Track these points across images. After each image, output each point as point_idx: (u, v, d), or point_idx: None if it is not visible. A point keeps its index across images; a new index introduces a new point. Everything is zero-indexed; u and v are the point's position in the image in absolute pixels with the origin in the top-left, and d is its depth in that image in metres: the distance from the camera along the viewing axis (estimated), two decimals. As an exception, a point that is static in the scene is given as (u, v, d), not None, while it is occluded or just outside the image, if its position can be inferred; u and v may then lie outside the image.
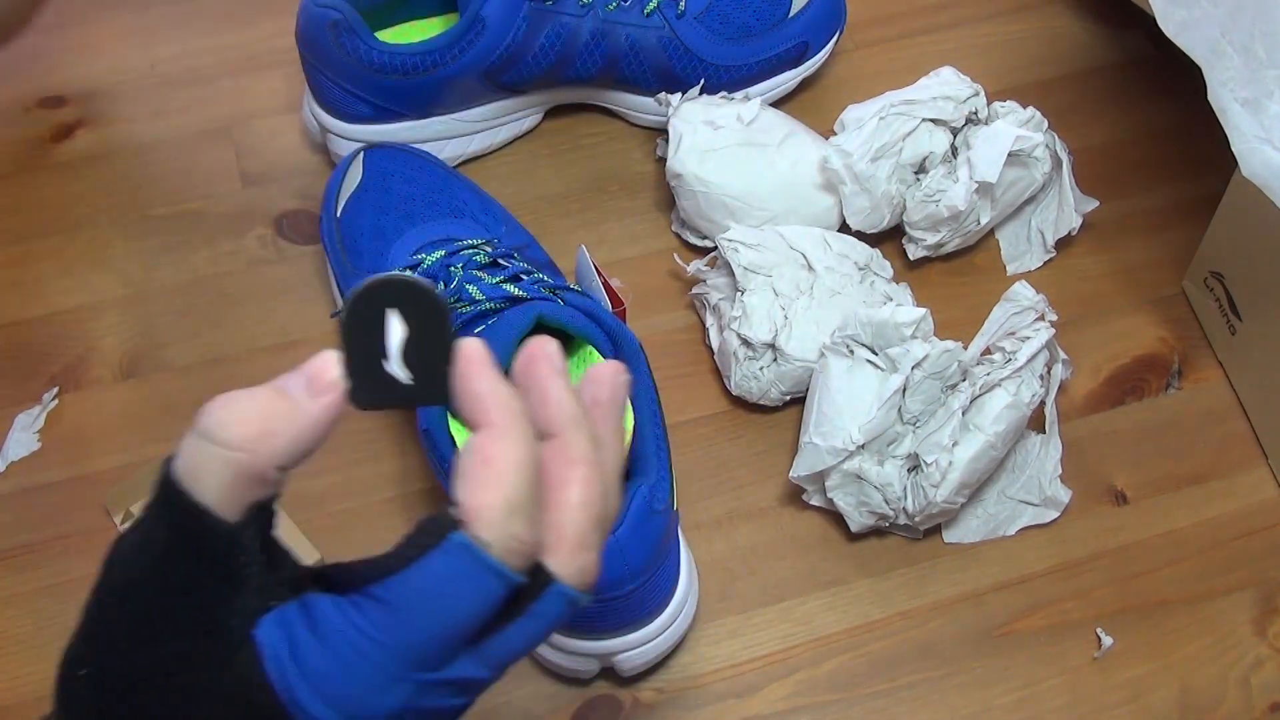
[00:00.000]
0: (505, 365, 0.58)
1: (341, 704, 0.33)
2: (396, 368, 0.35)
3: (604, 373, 0.39)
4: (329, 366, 0.35)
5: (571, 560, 0.36)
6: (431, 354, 0.35)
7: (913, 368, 0.63)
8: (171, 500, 0.34)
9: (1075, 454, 0.69)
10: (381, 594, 0.34)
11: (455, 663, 0.35)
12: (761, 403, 0.70)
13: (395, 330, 0.35)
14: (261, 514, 0.35)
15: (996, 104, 0.74)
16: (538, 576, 0.35)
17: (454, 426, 0.59)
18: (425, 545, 0.34)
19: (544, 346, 0.37)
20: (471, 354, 0.36)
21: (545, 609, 0.36)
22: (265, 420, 0.34)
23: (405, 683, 0.34)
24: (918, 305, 0.68)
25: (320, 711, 0.33)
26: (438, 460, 0.59)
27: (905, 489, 0.64)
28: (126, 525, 0.65)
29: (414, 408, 0.36)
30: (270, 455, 0.34)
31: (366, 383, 0.35)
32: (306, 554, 0.64)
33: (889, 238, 0.76)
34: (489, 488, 0.34)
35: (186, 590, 0.34)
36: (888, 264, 0.73)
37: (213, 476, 0.34)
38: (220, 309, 0.74)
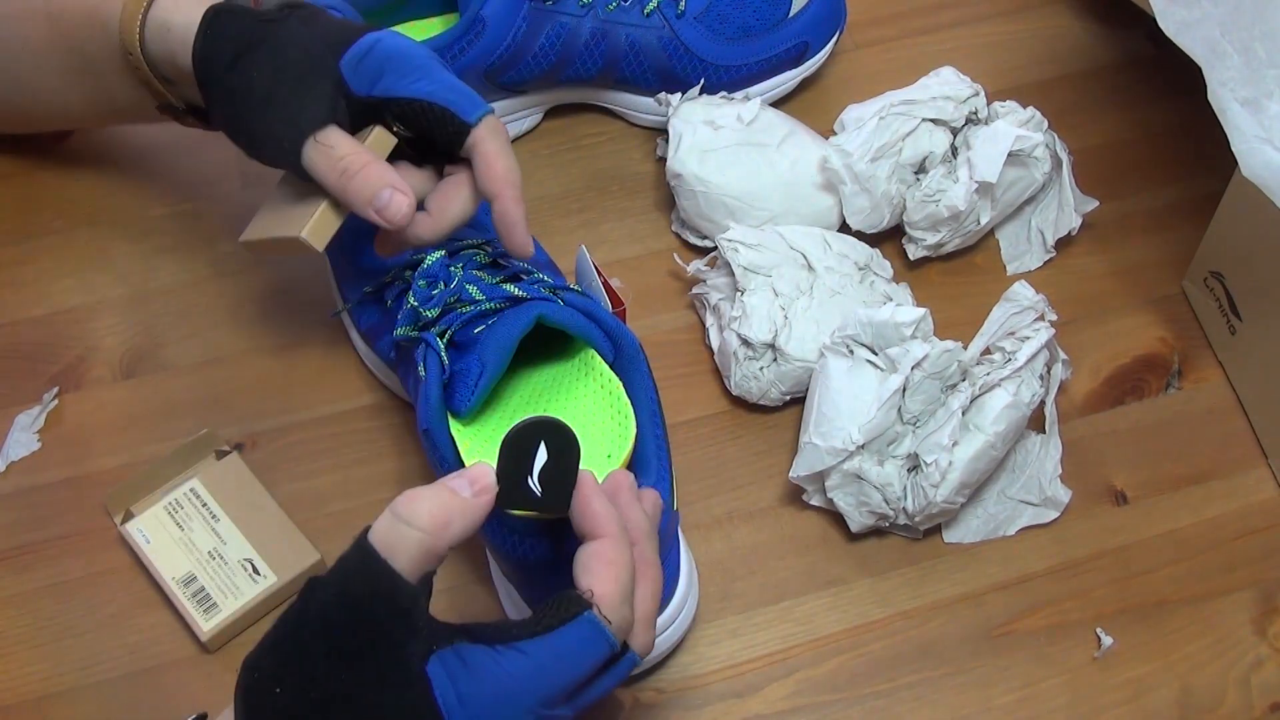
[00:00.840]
0: (504, 364, 0.58)
1: None
2: (535, 484, 0.49)
3: (653, 497, 0.53)
4: (487, 474, 0.48)
5: (641, 635, 0.49)
6: (562, 478, 0.49)
7: (913, 368, 0.63)
8: (371, 565, 0.45)
9: (1075, 454, 0.69)
10: (527, 650, 0.45)
11: (562, 705, 0.46)
12: (761, 403, 0.70)
13: (540, 457, 0.49)
14: (428, 582, 0.47)
15: (996, 104, 0.74)
16: (622, 646, 0.48)
17: (454, 427, 0.59)
18: (563, 618, 0.46)
19: (627, 479, 0.51)
20: (589, 480, 0.49)
21: (620, 670, 0.48)
22: (446, 511, 0.46)
23: (531, 715, 0.45)
24: (918, 305, 0.68)
25: None
26: (437, 460, 0.59)
27: (905, 489, 0.64)
28: (128, 524, 0.65)
29: (540, 513, 0.50)
30: (449, 538, 0.46)
31: (511, 490, 0.48)
32: (306, 554, 0.64)
33: (889, 238, 0.76)
34: (611, 580, 0.47)
35: (379, 633, 0.44)
36: (888, 264, 0.73)
37: (406, 552, 0.45)
38: (220, 309, 0.74)
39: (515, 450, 0.49)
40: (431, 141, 0.60)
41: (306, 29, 0.60)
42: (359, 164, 0.58)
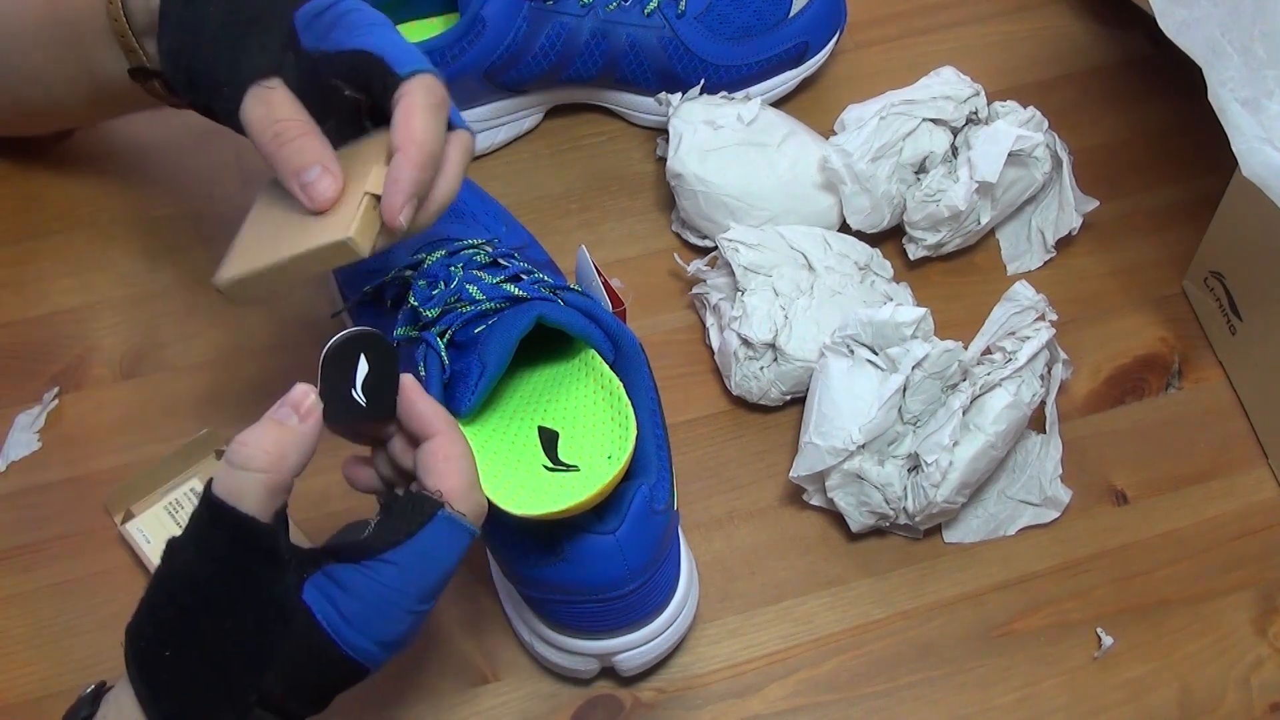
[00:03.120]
0: (504, 364, 0.58)
1: (374, 635, 0.47)
2: (359, 395, 0.50)
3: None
4: (307, 395, 0.49)
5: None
6: (383, 385, 0.50)
7: (913, 368, 0.63)
8: (223, 516, 0.46)
9: (1075, 454, 0.69)
10: (394, 559, 0.47)
11: (434, 597, 0.49)
12: (761, 403, 0.70)
13: (361, 368, 0.50)
14: (283, 515, 0.48)
15: (996, 104, 0.74)
16: None
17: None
18: (420, 521, 0.48)
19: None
20: (411, 384, 0.51)
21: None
22: (279, 446, 0.47)
23: (415, 613, 0.48)
24: (918, 305, 0.68)
25: (362, 642, 0.47)
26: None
27: (905, 489, 0.64)
28: (128, 524, 0.65)
29: (369, 422, 0.51)
30: (288, 470, 0.47)
31: (337, 406, 0.49)
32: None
33: (889, 238, 0.76)
34: (456, 474, 0.49)
35: (248, 579, 0.46)
36: (888, 264, 0.73)
37: (251, 494, 0.46)
38: (220, 309, 0.74)
39: (335, 367, 0.49)
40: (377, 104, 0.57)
41: None
42: (296, 131, 0.55)
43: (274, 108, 0.55)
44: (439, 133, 0.54)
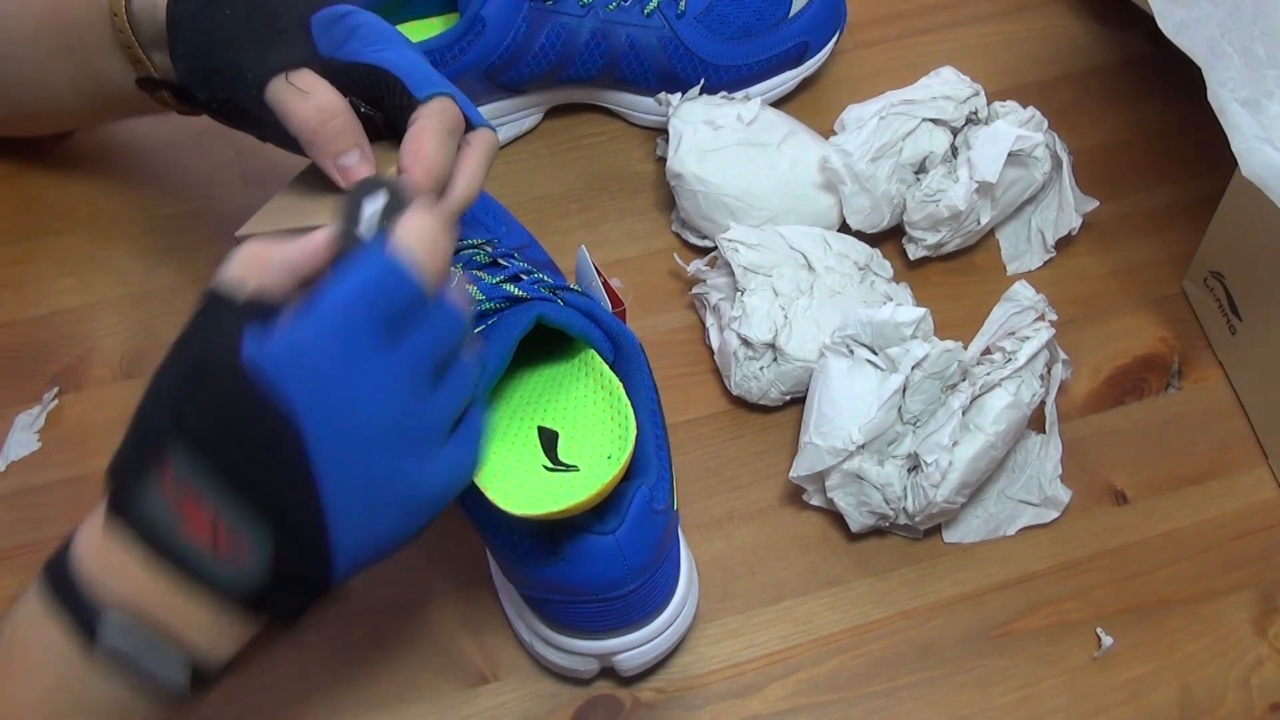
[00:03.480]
0: (504, 364, 0.58)
1: (282, 343, 0.45)
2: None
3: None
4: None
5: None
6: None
7: (913, 368, 0.63)
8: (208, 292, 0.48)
9: (1075, 454, 0.69)
10: (320, 303, 0.46)
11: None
12: (761, 403, 0.70)
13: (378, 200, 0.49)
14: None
15: (996, 104, 0.74)
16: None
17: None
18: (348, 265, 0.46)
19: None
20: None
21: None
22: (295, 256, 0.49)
23: (378, 354, 0.45)
24: (918, 305, 0.68)
25: (267, 350, 0.45)
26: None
27: (905, 489, 0.64)
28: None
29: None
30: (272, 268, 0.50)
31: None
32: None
33: (889, 238, 0.76)
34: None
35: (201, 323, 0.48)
36: (888, 264, 0.74)
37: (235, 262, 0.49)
38: (220, 309, 0.74)
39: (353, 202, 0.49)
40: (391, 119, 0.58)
41: None
42: (334, 113, 0.56)
43: (313, 92, 0.56)
44: (446, 158, 0.55)
